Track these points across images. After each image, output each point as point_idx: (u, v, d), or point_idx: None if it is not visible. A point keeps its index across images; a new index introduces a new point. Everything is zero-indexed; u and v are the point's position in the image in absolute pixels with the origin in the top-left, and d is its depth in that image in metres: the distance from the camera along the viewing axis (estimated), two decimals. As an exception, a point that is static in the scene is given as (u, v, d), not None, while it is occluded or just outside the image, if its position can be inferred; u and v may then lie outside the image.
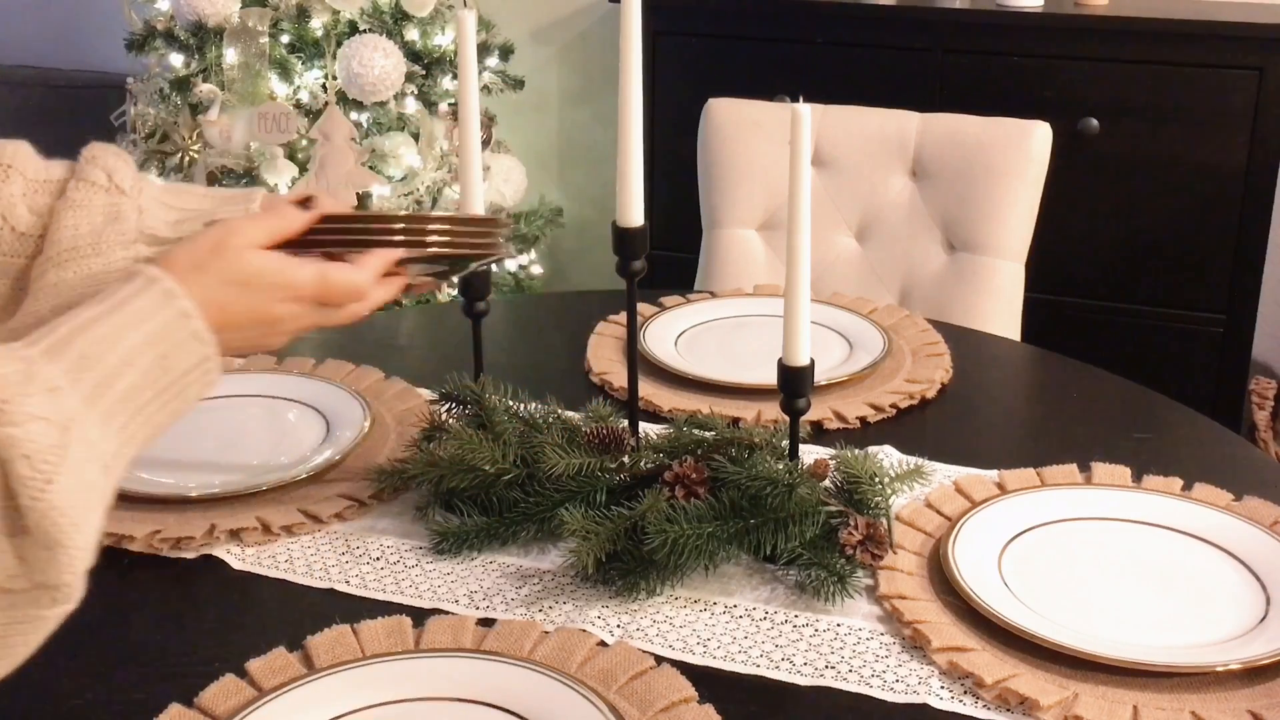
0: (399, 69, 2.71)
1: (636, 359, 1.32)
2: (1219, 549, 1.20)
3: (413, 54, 2.80)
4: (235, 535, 1.23)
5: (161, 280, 0.89)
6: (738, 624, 1.11)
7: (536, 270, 3.10)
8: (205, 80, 2.71)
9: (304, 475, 1.31)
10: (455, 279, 1.25)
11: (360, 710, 0.98)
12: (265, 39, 2.69)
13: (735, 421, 1.35)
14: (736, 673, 1.06)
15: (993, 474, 1.32)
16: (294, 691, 0.99)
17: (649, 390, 1.49)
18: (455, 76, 2.76)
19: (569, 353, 1.64)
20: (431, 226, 1.05)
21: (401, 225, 1.03)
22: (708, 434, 1.23)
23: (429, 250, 1.04)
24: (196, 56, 2.73)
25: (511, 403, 1.29)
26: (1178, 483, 1.29)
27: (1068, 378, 1.64)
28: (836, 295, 1.81)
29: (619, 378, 1.53)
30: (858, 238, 2.22)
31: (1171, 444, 1.42)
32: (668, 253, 2.61)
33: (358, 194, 2.71)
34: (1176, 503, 1.25)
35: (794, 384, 1.19)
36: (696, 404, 1.45)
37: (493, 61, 2.96)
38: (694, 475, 1.17)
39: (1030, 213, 2.13)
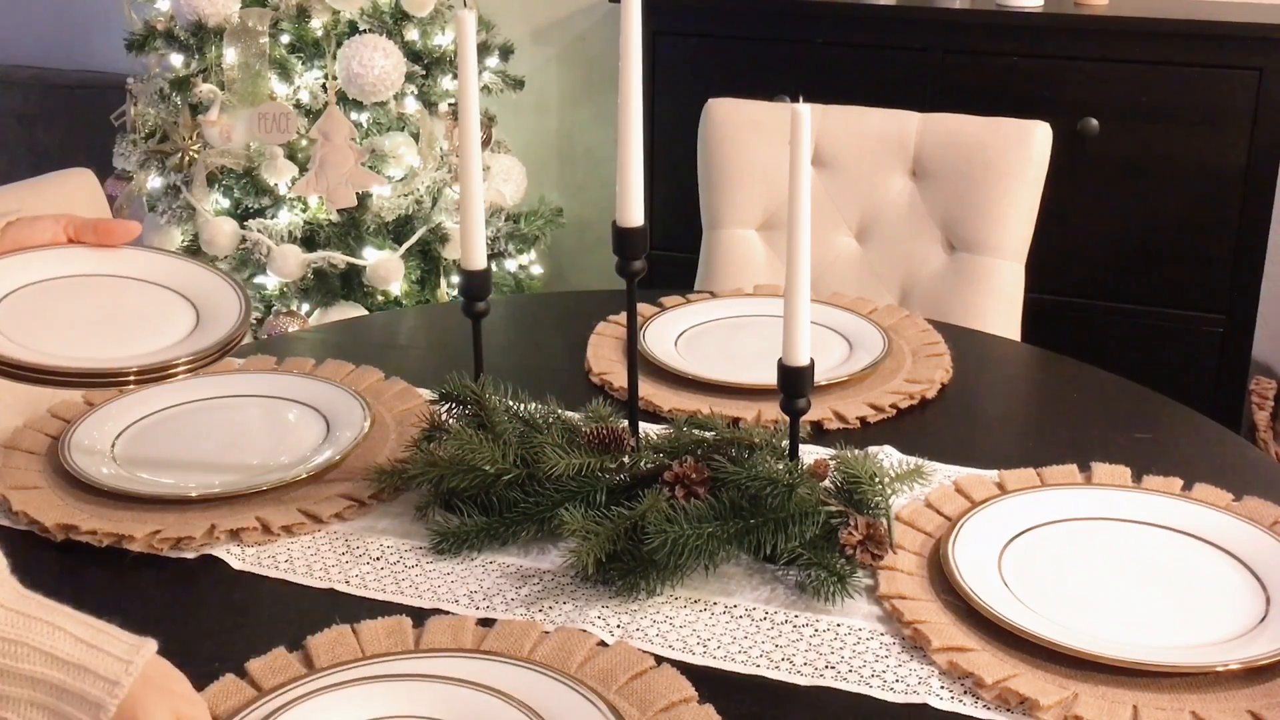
0: (399, 69, 2.71)
1: (636, 359, 1.32)
2: (1219, 549, 1.20)
3: (413, 54, 2.80)
4: (235, 535, 1.23)
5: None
6: (738, 624, 1.11)
7: (536, 270, 3.10)
8: (205, 80, 2.71)
9: (304, 475, 1.31)
10: None
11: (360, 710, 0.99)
12: (265, 39, 2.69)
13: (735, 421, 1.35)
14: (736, 673, 1.06)
15: (993, 474, 1.32)
16: (294, 691, 0.99)
17: (649, 390, 1.49)
18: (455, 76, 2.76)
19: (569, 353, 1.64)
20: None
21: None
22: (708, 434, 1.23)
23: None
24: (196, 56, 2.73)
25: (511, 403, 1.29)
26: (1178, 483, 1.29)
27: (1068, 378, 1.64)
28: (836, 295, 1.81)
29: (619, 378, 1.53)
30: (858, 238, 2.22)
31: (1171, 444, 1.42)
32: (668, 253, 2.61)
33: (358, 194, 2.71)
34: (1176, 503, 1.25)
35: (794, 384, 1.19)
36: (696, 404, 1.45)
37: (493, 61, 2.96)
38: (694, 475, 1.17)
39: (1030, 213, 2.13)
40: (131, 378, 1.10)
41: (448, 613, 1.12)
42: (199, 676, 1.02)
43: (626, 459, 1.22)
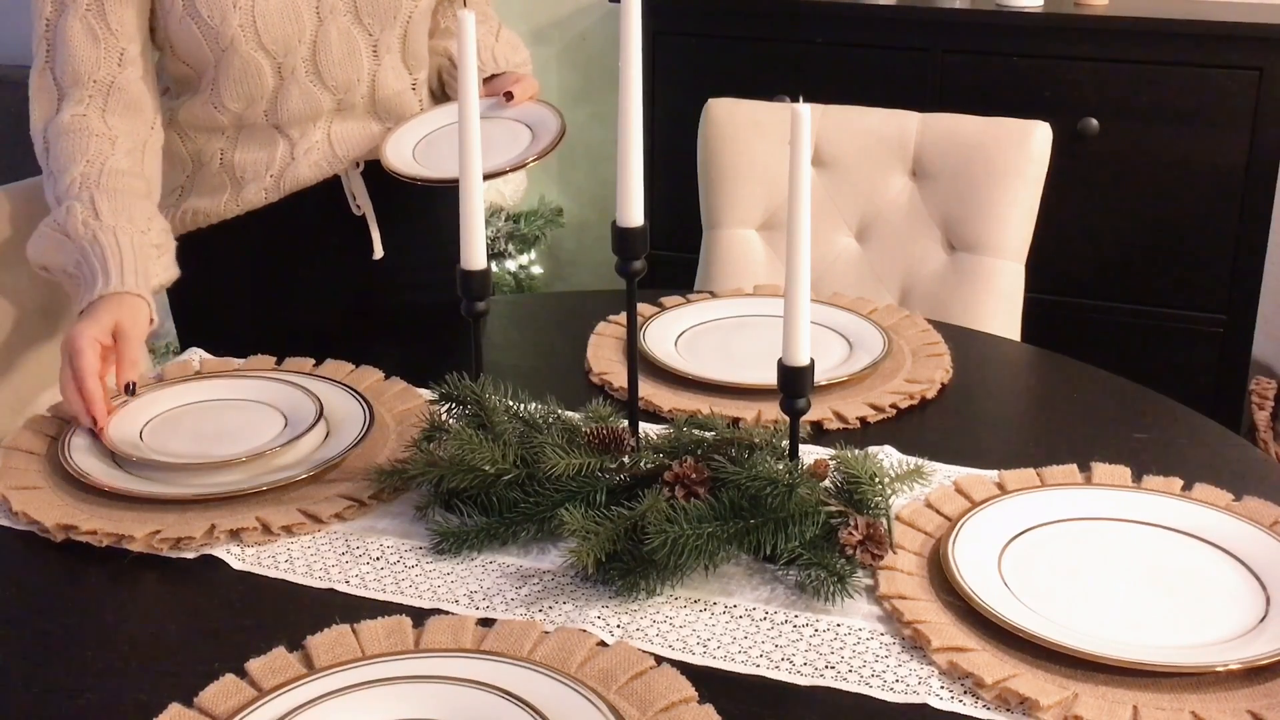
0: (399, 69, 2.70)
1: (636, 359, 1.32)
2: (1219, 549, 1.20)
3: (413, 54, 2.79)
4: (235, 535, 1.23)
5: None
6: (738, 624, 1.11)
7: (536, 270, 3.10)
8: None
9: (304, 475, 1.31)
10: None
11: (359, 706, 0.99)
12: (265, 39, 2.68)
13: (735, 421, 1.35)
14: (736, 673, 1.06)
15: (993, 474, 1.32)
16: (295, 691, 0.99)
17: (649, 390, 1.49)
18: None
19: (569, 353, 1.64)
20: None
21: None
22: (708, 434, 1.23)
23: None
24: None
25: (511, 403, 1.29)
26: (1178, 483, 1.29)
27: (1068, 378, 1.64)
28: (836, 295, 1.81)
29: (619, 378, 1.53)
30: (858, 238, 2.22)
31: (1171, 444, 1.42)
32: (668, 253, 2.62)
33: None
34: (1176, 503, 1.25)
35: (794, 384, 1.19)
36: (696, 404, 1.45)
37: (493, 61, 2.95)
38: (694, 475, 1.17)
39: (1030, 213, 2.13)
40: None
41: (448, 613, 1.12)
42: (199, 676, 1.02)
43: (626, 459, 1.22)
